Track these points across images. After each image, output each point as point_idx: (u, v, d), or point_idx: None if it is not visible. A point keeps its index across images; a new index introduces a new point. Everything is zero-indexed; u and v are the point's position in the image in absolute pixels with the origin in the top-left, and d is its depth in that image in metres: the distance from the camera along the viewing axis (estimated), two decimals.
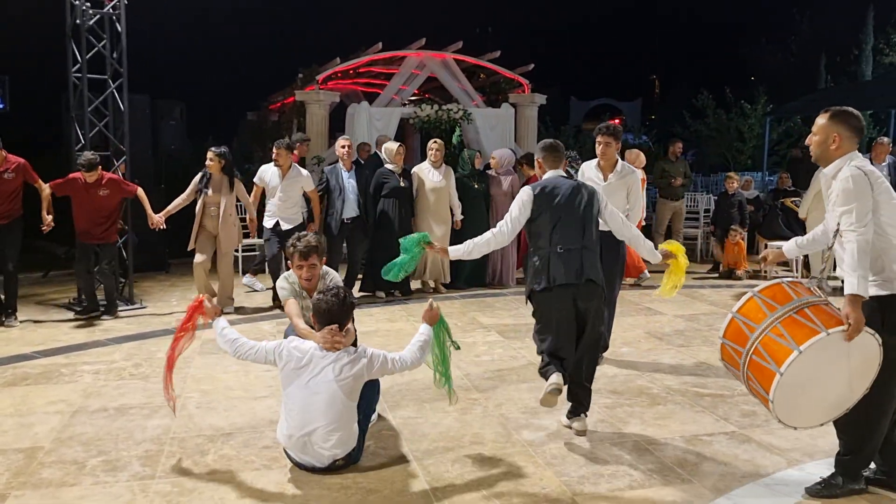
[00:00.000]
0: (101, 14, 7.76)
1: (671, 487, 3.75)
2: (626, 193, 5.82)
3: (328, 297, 3.94)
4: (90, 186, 7.17)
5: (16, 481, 3.77)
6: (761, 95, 20.18)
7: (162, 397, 5.01)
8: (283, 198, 7.80)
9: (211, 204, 7.56)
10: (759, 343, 3.40)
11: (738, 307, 3.58)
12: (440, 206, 8.63)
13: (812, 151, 3.61)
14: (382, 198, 8.41)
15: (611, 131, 5.76)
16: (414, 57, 11.98)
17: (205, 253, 7.63)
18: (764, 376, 3.36)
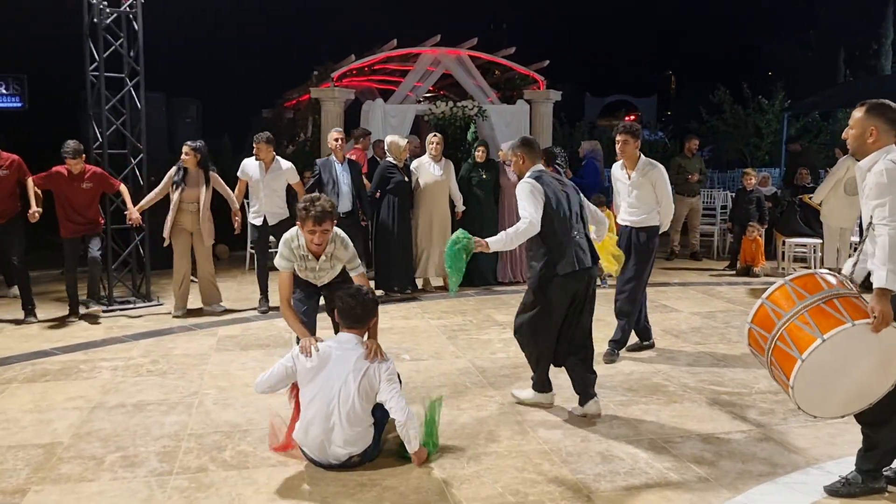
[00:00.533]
0: (118, 13, 7.81)
1: (688, 485, 3.73)
2: (652, 188, 5.82)
3: (348, 296, 3.97)
4: (74, 179, 7.14)
5: (35, 476, 3.81)
6: (779, 90, 20.00)
7: (179, 394, 5.07)
8: (268, 192, 7.67)
9: (188, 199, 7.38)
10: (785, 330, 3.41)
11: (769, 293, 3.59)
12: (439, 199, 8.59)
13: (849, 145, 3.59)
14: (387, 193, 8.37)
15: (628, 129, 5.82)
16: (429, 54, 11.97)
17: (185, 255, 7.49)
18: (786, 362, 3.38)
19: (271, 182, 7.67)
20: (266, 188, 7.66)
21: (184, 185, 7.37)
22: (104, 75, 7.78)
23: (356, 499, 3.58)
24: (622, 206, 6.04)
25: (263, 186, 7.65)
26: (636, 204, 5.89)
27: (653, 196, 5.84)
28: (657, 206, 5.87)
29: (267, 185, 7.65)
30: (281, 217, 7.79)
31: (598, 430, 4.46)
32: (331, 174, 8.06)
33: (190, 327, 7.01)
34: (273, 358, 5.93)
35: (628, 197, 5.93)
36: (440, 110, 11.46)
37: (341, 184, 8.00)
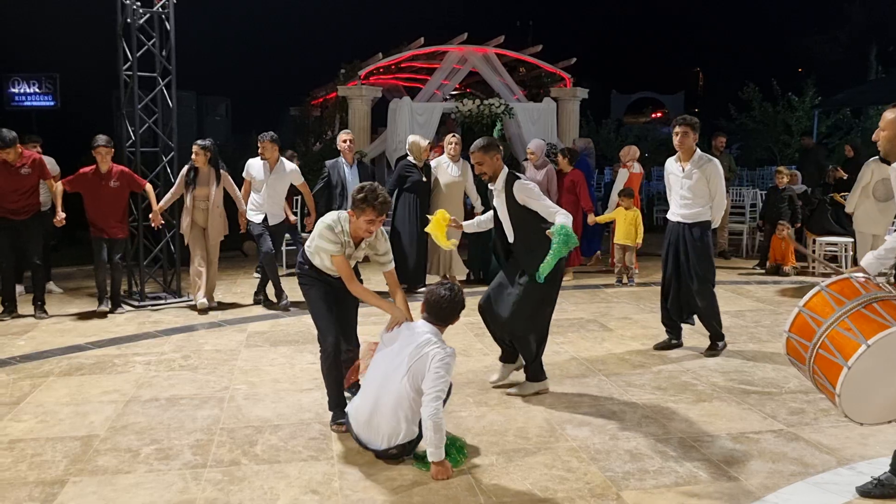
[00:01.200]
0: (150, 13, 7.92)
1: (717, 484, 3.73)
2: (706, 183, 5.81)
3: (445, 289, 4.01)
4: (101, 178, 7.26)
5: (74, 468, 3.89)
6: (809, 87, 19.76)
7: (210, 388, 5.15)
8: (271, 192, 7.65)
9: (200, 197, 7.49)
10: (827, 337, 3.35)
11: (806, 301, 3.53)
12: (454, 199, 8.57)
13: (880, 146, 3.56)
14: (403, 192, 8.39)
15: (688, 121, 5.81)
16: (455, 52, 12.00)
17: (199, 253, 7.58)
18: (831, 371, 3.31)
19: (274, 183, 7.66)
20: (269, 188, 7.63)
21: (195, 184, 7.47)
22: (137, 74, 7.90)
23: (385, 493, 3.62)
24: (674, 199, 6.01)
25: (267, 187, 7.62)
26: (689, 197, 5.86)
27: (706, 191, 5.82)
28: (710, 200, 5.86)
29: (270, 185, 7.62)
30: (281, 218, 7.83)
31: (626, 429, 4.46)
32: (340, 176, 8.07)
33: (219, 323, 7.10)
34: (303, 354, 6.01)
35: (680, 190, 5.90)
36: (467, 108, 11.49)
37: (349, 185, 8.00)
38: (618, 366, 5.75)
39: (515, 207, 4.88)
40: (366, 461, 3.99)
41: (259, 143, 7.63)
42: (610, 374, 5.54)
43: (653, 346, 6.21)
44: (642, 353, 6.10)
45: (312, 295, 4.45)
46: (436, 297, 4.00)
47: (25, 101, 17.36)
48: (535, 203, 4.83)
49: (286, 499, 3.57)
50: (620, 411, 4.76)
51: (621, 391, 5.15)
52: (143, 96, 8.02)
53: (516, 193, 4.86)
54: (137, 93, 7.93)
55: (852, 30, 27.94)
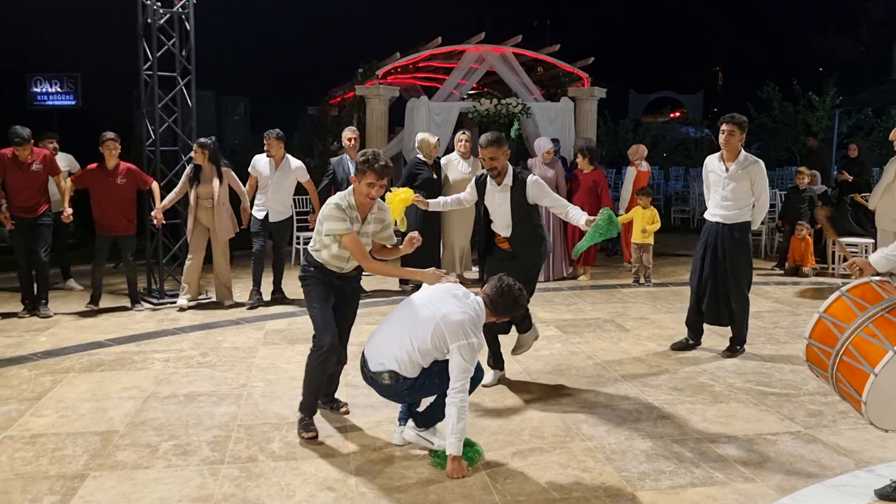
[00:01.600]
0: (170, 13, 7.99)
1: (734, 486, 3.71)
2: (749, 184, 5.75)
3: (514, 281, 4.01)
4: (108, 175, 7.30)
5: (94, 463, 3.95)
6: (830, 87, 19.56)
7: (228, 385, 5.19)
8: (275, 189, 7.68)
9: (204, 196, 7.49)
10: (850, 343, 3.28)
11: (826, 307, 3.46)
12: None
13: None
14: (415, 189, 8.36)
15: (735, 120, 5.72)
16: (473, 51, 11.99)
17: (200, 250, 7.61)
18: (856, 377, 3.25)
19: (280, 179, 7.69)
20: (274, 185, 7.67)
21: (198, 182, 7.47)
22: (157, 74, 7.97)
23: (402, 491, 3.64)
24: (713, 199, 5.93)
25: (272, 183, 7.67)
26: (731, 198, 5.79)
27: (749, 192, 5.77)
28: (751, 202, 5.81)
29: (276, 181, 7.67)
30: (284, 216, 7.84)
31: (642, 429, 4.45)
32: (345, 173, 8.06)
33: (237, 321, 7.15)
34: None
35: (722, 190, 5.82)
36: (484, 108, 11.48)
37: None
38: (634, 366, 5.74)
39: (522, 203, 4.98)
40: (382, 459, 4.01)
41: (265, 140, 7.66)
42: (626, 374, 5.53)
43: (670, 346, 6.19)
44: (659, 354, 6.08)
45: (313, 294, 4.35)
46: (506, 285, 3.95)
47: (47, 100, 17.56)
48: (548, 199, 5.05)
49: (302, 495, 3.60)
50: (636, 411, 4.75)
51: (637, 391, 5.14)
52: (163, 96, 8.10)
53: (531, 190, 4.97)
54: (157, 92, 8.00)
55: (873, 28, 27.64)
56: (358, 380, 5.29)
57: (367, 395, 4.99)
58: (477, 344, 3.84)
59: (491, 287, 3.99)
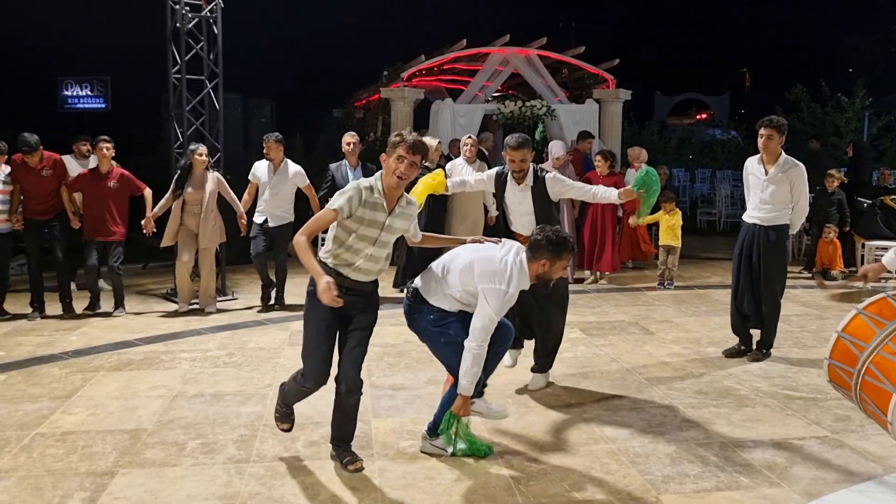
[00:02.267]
0: (199, 17, 8.09)
1: (759, 490, 3.68)
2: (789, 187, 5.73)
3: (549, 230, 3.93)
4: (100, 178, 7.26)
5: (123, 460, 4.01)
6: (859, 88, 19.30)
7: (254, 385, 5.24)
8: (273, 193, 7.55)
9: (193, 201, 7.35)
10: (871, 362, 3.25)
11: (844, 326, 3.44)
12: (470, 202, 8.48)
13: None
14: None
15: (774, 123, 5.69)
16: (498, 53, 12.01)
17: (188, 252, 7.43)
18: (880, 397, 3.21)
19: (278, 184, 7.57)
20: (273, 189, 7.55)
21: (188, 187, 7.34)
22: (185, 77, 8.07)
23: (425, 491, 3.66)
24: (752, 201, 5.91)
25: (270, 188, 7.56)
26: (769, 201, 5.77)
27: (788, 195, 5.74)
28: (790, 205, 5.78)
29: (274, 187, 7.55)
30: (283, 221, 7.66)
31: (667, 432, 4.44)
32: (343, 177, 7.89)
33: (263, 322, 7.22)
34: None
35: (761, 193, 5.80)
36: (509, 110, 11.50)
37: None
38: (659, 369, 5.71)
39: (543, 201, 5.03)
40: (406, 459, 4.03)
41: (264, 143, 7.55)
42: (650, 377, 5.51)
43: (722, 352, 6.12)
44: (683, 357, 6.04)
45: (314, 314, 3.81)
46: (543, 232, 3.91)
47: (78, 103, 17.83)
48: (571, 190, 5.17)
49: (327, 494, 3.63)
50: (661, 415, 4.73)
51: (662, 395, 5.11)
52: (191, 99, 8.21)
53: (552, 187, 5.03)
54: (185, 95, 8.11)
55: None
56: (382, 380, 5.36)
57: (391, 396, 5.04)
58: (506, 293, 3.80)
59: (532, 235, 3.97)
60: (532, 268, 3.93)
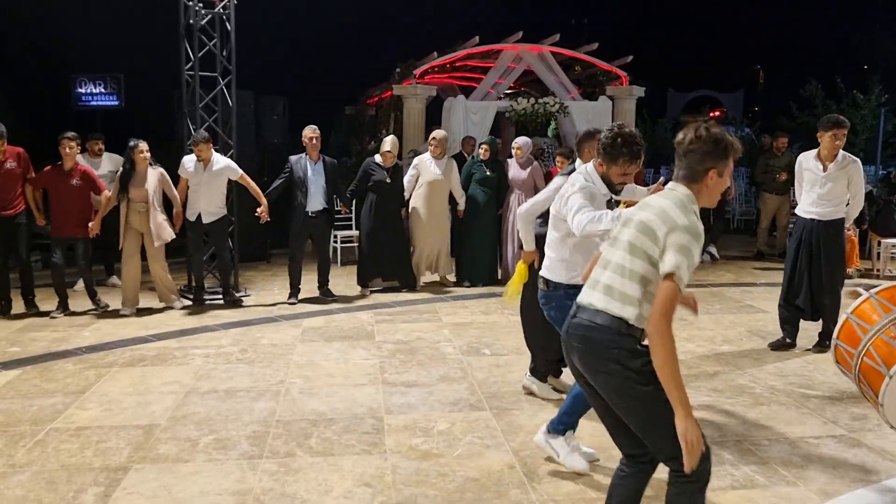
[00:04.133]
0: (212, 14, 8.10)
1: (775, 489, 3.65)
2: (846, 182, 5.87)
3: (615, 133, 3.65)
4: (64, 176, 7.16)
5: (136, 455, 4.02)
6: (875, 84, 19.13)
7: (267, 382, 5.25)
8: (206, 191, 7.47)
9: (137, 199, 7.22)
10: (871, 345, 3.28)
11: (853, 308, 3.46)
12: (437, 198, 8.49)
13: None
14: (367, 190, 8.26)
15: (844, 123, 5.93)
16: (510, 50, 11.96)
17: (134, 254, 7.32)
18: (874, 379, 3.25)
19: (209, 180, 7.48)
20: (204, 186, 7.47)
21: (132, 185, 7.22)
22: (198, 74, 8.09)
23: (437, 488, 3.65)
24: (808, 197, 6.02)
25: (202, 184, 7.47)
26: (827, 197, 5.91)
27: (845, 190, 5.89)
28: (846, 199, 5.93)
29: (205, 183, 7.47)
30: (218, 216, 7.59)
31: None
32: (303, 172, 7.80)
33: (275, 318, 7.23)
34: (356, 350, 6.08)
35: (819, 189, 5.93)
36: (521, 107, 11.46)
37: (310, 183, 7.79)
38: None
39: None
40: (419, 456, 4.02)
41: (193, 147, 7.46)
42: None
43: (768, 345, 6.19)
44: (698, 355, 6.01)
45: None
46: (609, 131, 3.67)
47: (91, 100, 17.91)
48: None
49: (340, 491, 3.63)
50: None
51: None
52: (204, 96, 8.22)
53: None
54: (199, 92, 8.12)
55: None
56: (395, 377, 5.36)
57: (404, 393, 5.03)
58: (586, 190, 3.67)
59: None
60: (597, 167, 3.77)
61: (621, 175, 3.71)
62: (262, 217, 7.64)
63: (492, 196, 8.70)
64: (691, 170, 2.61)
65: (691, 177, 2.62)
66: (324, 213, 7.93)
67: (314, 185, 7.83)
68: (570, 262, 3.91)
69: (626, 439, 2.76)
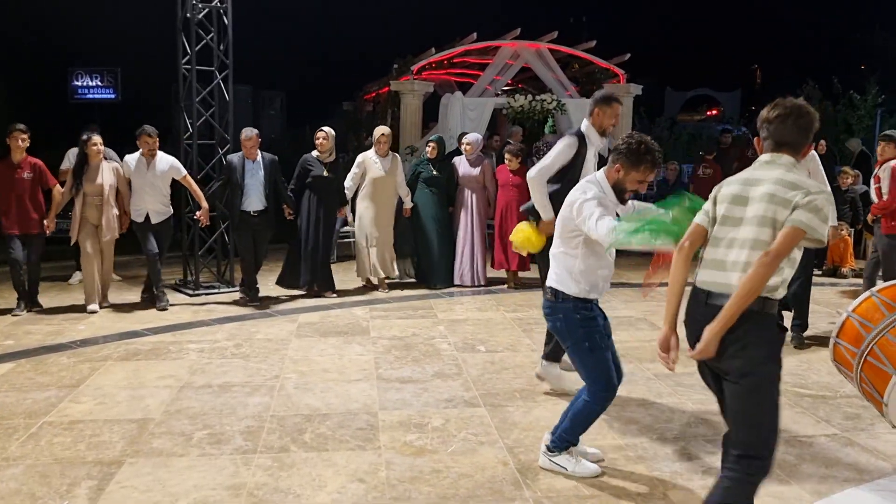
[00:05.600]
0: (209, 8, 8.09)
1: (767, 488, 3.64)
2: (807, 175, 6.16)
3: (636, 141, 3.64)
4: (13, 168, 6.97)
5: (130, 449, 4.02)
6: (872, 85, 19.16)
7: (262, 377, 5.25)
8: (150, 190, 7.28)
9: (93, 193, 7.10)
10: (876, 344, 3.26)
11: (855, 307, 3.45)
12: (382, 195, 8.17)
13: None
14: (307, 188, 7.86)
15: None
16: (508, 47, 11.97)
17: (91, 245, 7.16)
18: (879, 378, 3.24)
19: (154, 180, 7.30)
20: (149, 186, 7.28)
21: (85, 179, 7.10)
22: (195, 68, 8.07)
23: (431, 484, 3.65)
24: None
25: (146, 184, 7.28)
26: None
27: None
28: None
29: (150, 183, 7.28)
30: (165, 215, 7.42)
31: (675, 428, 4.42)
32: (241, 171, 7.48)
33: (271, 313, 7.22)
34: (351, 345, 6.08)
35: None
36: (518, 104, 11.47)
37: (248, 182, 7.48)
38: None
39: None
40: (413, 451, 4.03)
41: (137, 140, 7.26)
42: (659, 373, 5.49)
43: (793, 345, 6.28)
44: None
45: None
46: (627, 138, 3.65)
47: (88, 93, 17.89)
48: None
49: (333, 486, 3.63)
50: (669, 411, 4.71)
51: (670, 391, 5.09)
52: (201, 90, 8.20)
53: None
54: (196, 86, 8.10)
55: None
56: (389, 373, 5.36)
57: (399, 389, 5.03)
58: (593, 199, 3.58)
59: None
60: (609, 174, 3.71)
61: (638, 182, 3.67)
62: (202, 221, 7.50)
63: (440, 196, 8.46)
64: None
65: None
66: (265, 213, 7.57)
67: (251, 184, 7.47)
68: (580, 274, 3.74)
69: None
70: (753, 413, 2.78)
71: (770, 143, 2.78)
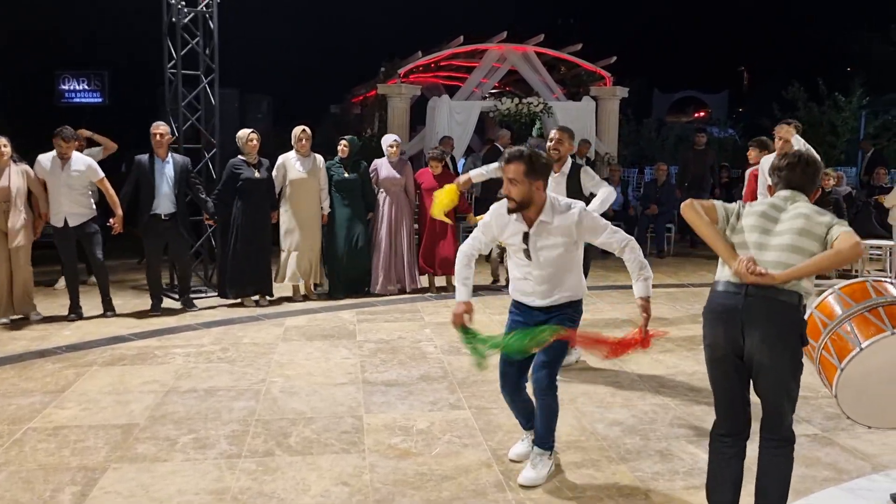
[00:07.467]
0: (195, 12, 8.09)
1: (748, 487, 3.67)
2: None
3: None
4: None
5: (114, 455, 4.02)
6: (857, 87, 19.32)
7: (247, 381, 5.26)
8: (67, 192, 6.94)
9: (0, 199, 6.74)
10: (829, 339, 3.37)
11: (818, 303, 3.53)
12: (305, 198, 7.79)
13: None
14: (238, 192, 7.48)
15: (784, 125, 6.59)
16: (495, 50, 12.01)
17: (1, 261, 6.80)
18: (830, 372, 3.35)
19: (69, 181, 6.95)
20: (65, 187, 6.95)
21: None
22: (181, 72, 8.07)
23: (415, 487, 3.67)
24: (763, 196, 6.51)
25: (61, 185, 6.95)
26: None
27: None
28: None
29: (65, 184, 6.94)
30: (86, 217, 7.07)
31: (657, 429, 4.45)
32: (148, 172, 7.16)
33: (258, 317, 7.22)
34: (337, 349, 6.10)
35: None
36: (505, 107, 11.51)
37: (159, 182, 7.16)
38: (651, 366, 5.73)
39: (576, 192, 5.27)
40: (397, 455, 4.04)
41: (54, 140, 6.89)
42: (643, 374, 5.53)
43: None
44: (676, 355, 6.06)
45: None
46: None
47: (75, 97, 17.84)
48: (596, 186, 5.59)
49: (317, 490, 3.64)
50: (652, 412, 4.75)
51: (654, 392, 5.13)
52: (187, 94, 8.20)
53: (583, 177, 5.48)
54: (181, 90, 8.10)
55: None
56: (375, 376, 5.37)
57: (384, 392, 5.05)
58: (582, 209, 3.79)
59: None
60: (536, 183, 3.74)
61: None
62: (115, 228, 7.06)
63: (351, 199, 7.99)
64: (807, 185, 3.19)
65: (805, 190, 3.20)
66: (174, 216, 7.24)
67: (161, 185, 7.17)
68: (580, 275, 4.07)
69: (743, 416, 3.14)
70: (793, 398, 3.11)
71: (782, 187, 3.19)
